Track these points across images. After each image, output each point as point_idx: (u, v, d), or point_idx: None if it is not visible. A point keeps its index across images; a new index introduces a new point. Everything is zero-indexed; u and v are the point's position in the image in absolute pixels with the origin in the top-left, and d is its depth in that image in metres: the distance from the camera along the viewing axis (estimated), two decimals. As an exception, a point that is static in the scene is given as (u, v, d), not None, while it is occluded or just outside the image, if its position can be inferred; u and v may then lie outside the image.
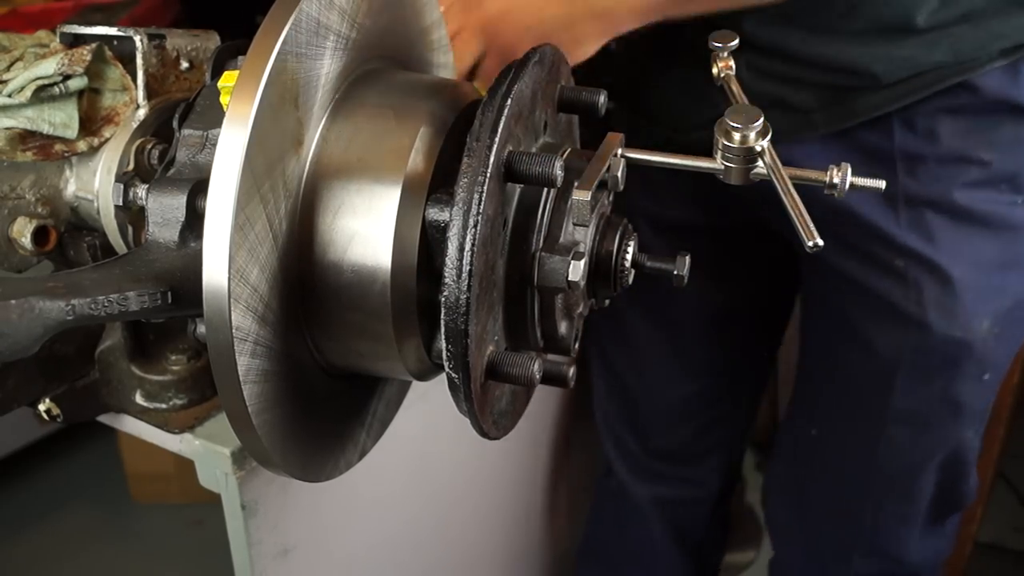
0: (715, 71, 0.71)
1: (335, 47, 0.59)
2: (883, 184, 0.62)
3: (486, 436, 0.62)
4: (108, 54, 0.74)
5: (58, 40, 0.76)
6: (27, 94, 0.69)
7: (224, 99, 0.62)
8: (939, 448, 1.12)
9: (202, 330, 0.62)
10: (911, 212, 0.99)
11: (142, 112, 0.73)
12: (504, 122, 0.54)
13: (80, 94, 0.72)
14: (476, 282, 0.54)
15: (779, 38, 0.91)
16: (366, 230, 0.57)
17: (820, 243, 0.59)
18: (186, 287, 0.58)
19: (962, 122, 0.96)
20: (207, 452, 0.79)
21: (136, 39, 0.73)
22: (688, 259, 0.66)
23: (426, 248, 0.59)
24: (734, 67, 0.71)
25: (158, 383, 0.81)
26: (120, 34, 0.74)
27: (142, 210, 0.66)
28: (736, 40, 0.71)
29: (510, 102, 0.55)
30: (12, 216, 0.72)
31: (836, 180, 0.62)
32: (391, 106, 0.61)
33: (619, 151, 0.63)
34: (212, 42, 0.79)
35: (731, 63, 0.71)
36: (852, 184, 0.62)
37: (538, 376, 0.60)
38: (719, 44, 0.71)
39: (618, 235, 0.64)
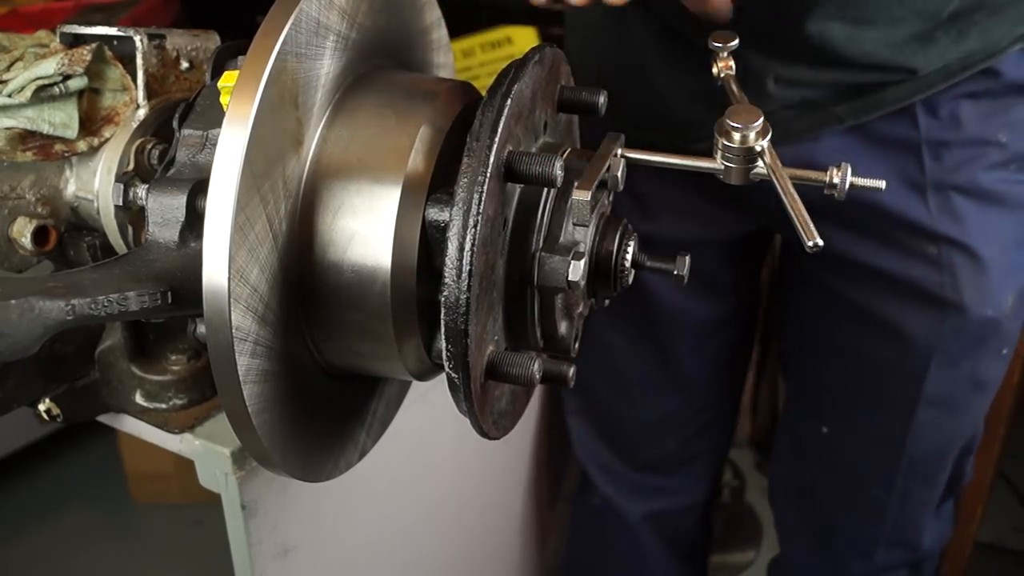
0: (715, 71, 0.71)
1: (335, 47, 0.59)
2: (883, 184, 0.62)
3: (486, 436, 0.62)
4: (108, 54, 0.74)
5: (58, 40, 0.76)
6: (27, 94, 0.69)
7: (224, 99, 0.62)
8: (966, 428, 1.14)
9: (202, 330, 0.62)
10: (939, 198, 0.99)
11: (142, 112, 0.73)
12: (504, 122, 0.54)
13: (80, 94, 0.72)
14: (476, 282, 0.54)
15: (831, 35, 0.90)
16: (366, 230, 0.57)
17: (820, 243, 0.59)
18: (186, 287, 0.58)
19: (982, 106, 0.97)
20: (207, 452, 0.79)
21: (136, 39, 0.73)
22: (688, 259, 0.66)
23: (426, 248, 0.59)
24: (734, 67, 0.71)
25: (158, 383, 0.81)
26: (120, 34, 0.74)
27: (142, 210, 0.66)
28: (736, 40, 0.71)
29: (510, 102, 0.55)
30: (12, 216, 0.72)
31: (836, 180, 0.62)
32: (391, 106, 0.61)
33: (619, 151, 0.63)
34: (212, 42, 0.79)
35: (731, 63, 0.71)
36: (852, 184, 0.62)
37: (538, 376, 0.60)
38: (719, 44, 0.71)
39: (618, 235, 0.64)
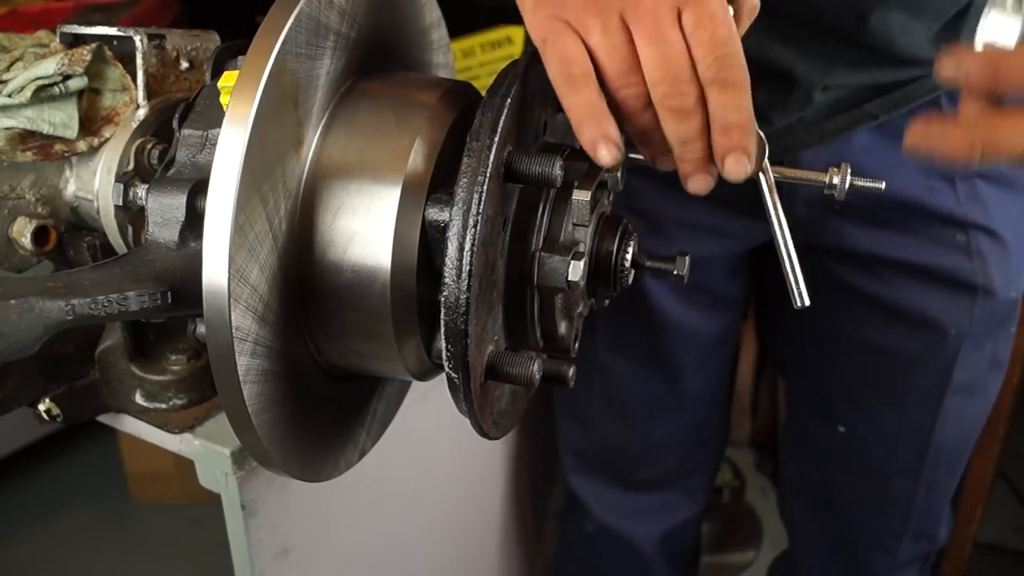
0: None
1: (335, 47, 0.59)
2: (883, 184, 0.62)
3: (486, 436, 0.62)
4: (108, 54, 0.74)
5: (58, 40, 0.76)
6: (27, 94, 0.69)
7: (224, 99, 0.62)
8: (985, 410, 1.16)
9: (202, 330, 0.63)
10: (966, 186, 1.01)
11: (142, 112, 0.73)
12: (504, 122, 0.54)
13: (80, 94, 0.72)
14: (476, 282, 0.54)
15: (889, 26, 0.90)
16: (366, 230, 0.57)
17: (807, 303, 0.61)
18: (186, 287, 0.58)
19: None
20: (207, 452, 0.79)
21: (136, 39, 0.73)
22: (688, 259, 0.66)
23: (426, 248, 0.59)
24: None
25: (158, 383, 0.81)
26: (120, 34, 0.74)
27: (142, 210, 0.66)
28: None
29: (510, 102, 0.55)
30: (12, 216, 0.72)
31: (836, 180, 0.62)
32: (391, 106, 0.61)
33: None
34: (212, 42, 0.79)
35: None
36: (852, 184, 0.62)
37: (538, 376, 0.60)
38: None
39: (618, 235, 0.64)
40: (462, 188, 0.53)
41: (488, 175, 0.53)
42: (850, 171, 0.62)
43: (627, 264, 0.64)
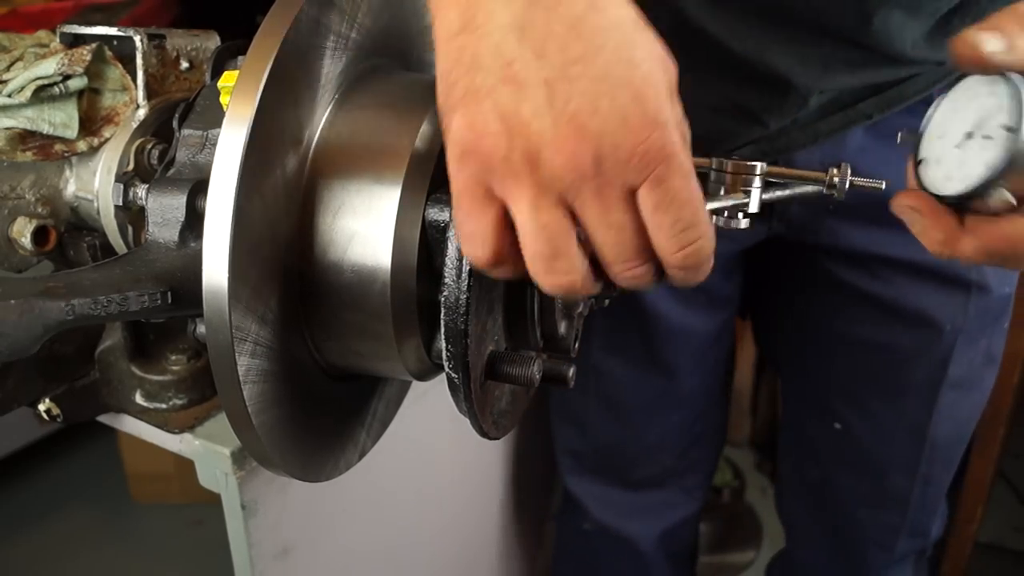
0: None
1: (335, 47, 0.59)
2: (883, 184, 0.62)
3: (486, 436, 0.62)
4: (108, 54, 0.74)
5: (58, 40, 0.76)
6: (27, 94, 0.69)
7: (224, 99, 0.62)
8: (980, 405, 1.17)
9: (202, 330, 0.63)
10: None
11: (142, 112, 0.73)
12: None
13: (80, 94, 0.72)
14: (476, 282, 0.54)
15: (890, 26, 0.90)
16: (366, 230, 0.57)
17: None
18: (186, 287, 0.58)
19: None
20: (207, 452, 0.79)
21: (136, 39, 0.73)
22: None
23: (426, 248, 0.59)
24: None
25: (158, 383, 0.81)
26: (120, 34, 0.74)
27: (142, 210, 0.66)
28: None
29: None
30: (12, 216, 0.73)
31: (836, 180, 0.62)
32: (391, 106, 0.61)
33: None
34: (212, 42, 0.79)
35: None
36: (852, 184, 0.62)
37: (538, 376, 0.60)
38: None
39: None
40: None
41: (488, 175, 0.53)
42: (850, 171, 0.62)
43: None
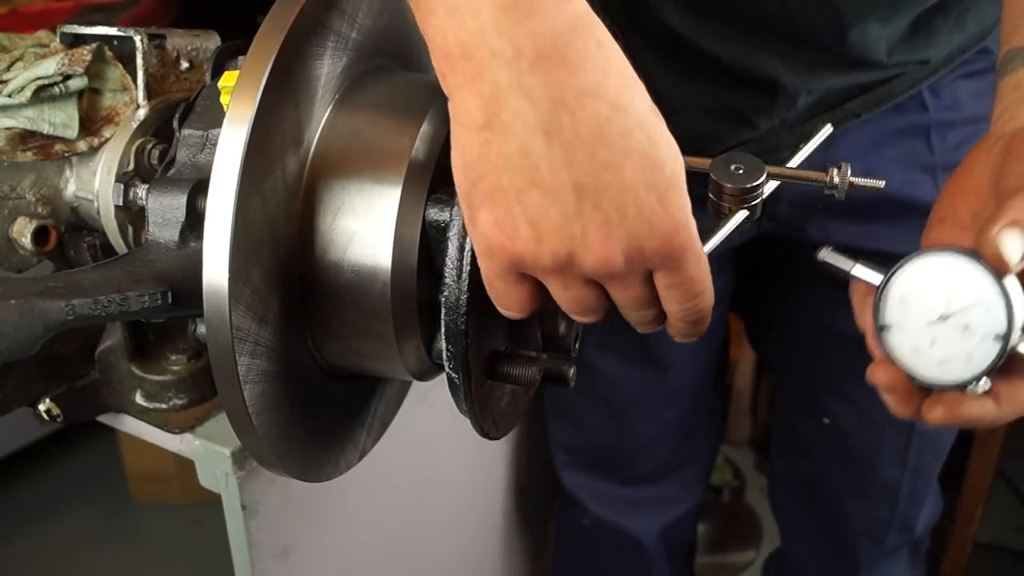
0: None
1: (335, 47, 0.59)
2: (882, 183, 0.62)
3: (486, 436, 0.62)
4: (108, 54, 0.74)
5: (58, 40, 0.76)
6: (27, 94, 0.69)
7: (224, 99, 0.62)
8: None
9: (202, 330, 0.63)
10: (946, 176, 1.02)
11: (142, 112, 0.73)
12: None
13: (80, 94, 0.72)
14: (476, 282, 0.54)
15: (868, 36, 0.92)
16: (366, 230, 0.57)
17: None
18: (186, 287, 0.58)
19: (976, 84, 1.00)
20: (207, 452, 0.79)
21: (136, 39, 0.73)
22: None
23: (426, 248, 0.59)
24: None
25: (158, 383, 0.81)
26: (120, 34, 0.74)
27: (142, 210, 0.66)
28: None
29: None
30: (12, 216, 0.73)
31: (836, 180, 0.62)
32: (391, 106, 0.61)
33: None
34: (212, 42, 0.79)
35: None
36: (851, 183, 0.62)
37: (538, 376, 0.60)
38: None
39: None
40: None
41: (488, 175, 0.53)
42: (850, 170, 0.62)
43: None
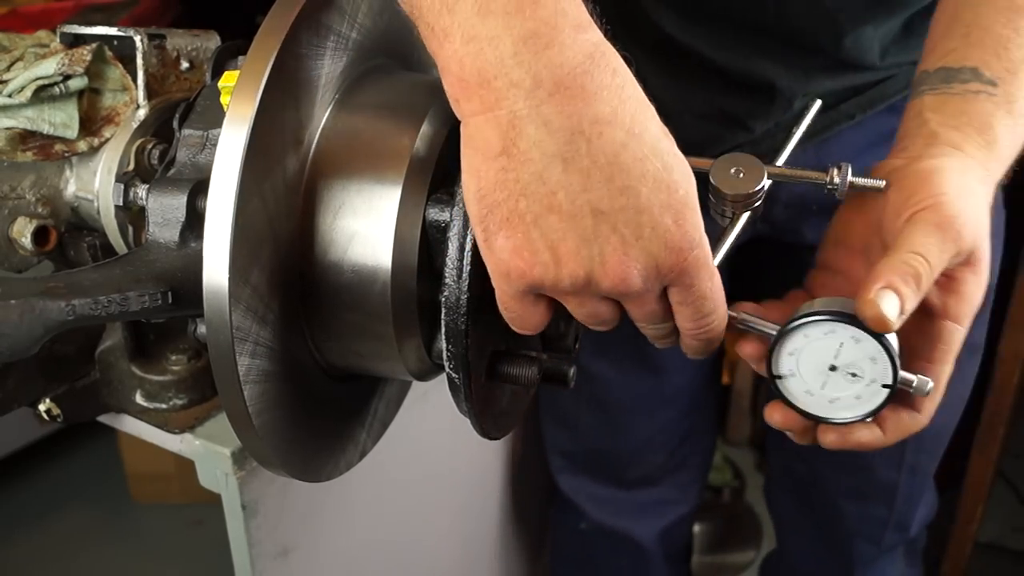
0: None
1: (335, 47, 0.59)
2: (883, 183, 0.62)
3: (487, 436, 0.62)
4: (108, 54, 0.74)
5: (58, 40, 0.76)
6: (27, 94, 0.69)
7: (224, 99, 0.62)
8: (964, 393, 1.16)
9: (202, 330, 0.63)
10: None
11: (142, 112, 0.73)
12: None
13: (80, 94, 0.72)
14: (477, 282, 0.54)
15: (863, 39, 0.93)
16: (366, 230, 0.57)
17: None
18: (186, 287, 0.58)
19: None
20: (207, 452, 0.79)
21: (136, 39, 0.73)
22: None
23: (427, 248, 0.59)
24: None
25: (158, 383, 0.81)
26: (120, 34, 0.74)
27: (142, 210, 0.66)
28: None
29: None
30: (12, 216, 0.72)
31: (837, 180, 0.62)
32: (391, 106, 0.61)
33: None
34: (212, 42, 0.79)
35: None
36: (852, 184, 0.62)
37: (538, 376, 0.60)
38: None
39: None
40: (462, 186, 0.53)
41: (489, 175, 0.53)
42: (850, 170, 0.62)
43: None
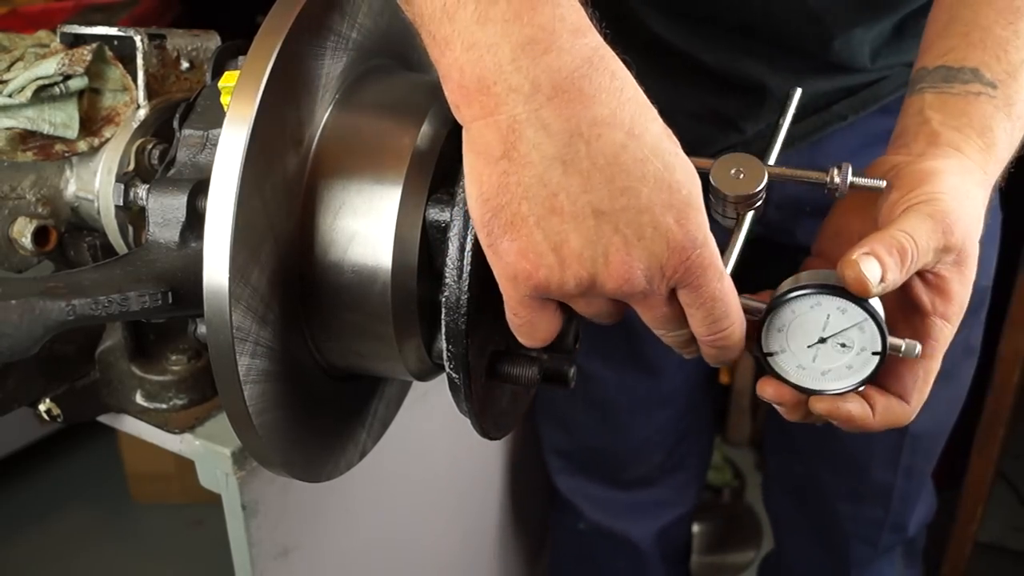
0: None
1: (335, 47, 0.59)
2: (883, 183, 0.62)
3: (487, 436, 0.62)
4: (108, 54, 0.74)
5: (58, 40, 0.76)
6: (27, 94, 0.69)
7: (225, 99, 0.62)
8: (960, 395, 1.17)
9: (202, 330, 0.63)
10: None
11: (142, 112, 0.73)
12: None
13: (80, 94, 0.72)
14: (477, 282, 0.54)
15: (854, 43, 0.93)
16: (367, 230, 0.57)
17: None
18: (186, 287, 0.58)
19: None
20: (207, 452, 0.79)
21: (136, 39, 0.73)
22: None
23: (427, 248, 0.59)
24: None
25: (158, 383, 0.81)
26: (120, 34, 0.74)
27: (142, 210, 0.66)
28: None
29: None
30: (12, 216, 0.72)
31: (837, 180, 0.62)
32: (391, 106, 0.61)
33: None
34: (212, 42, 0.79)
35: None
36: (852, 184, 0.62)
37: (538, 376, 0.60)
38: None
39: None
40: (463, 188, 0.53)
41: (489, 175, 0.53)
42: (851, 170, 0.62)
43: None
